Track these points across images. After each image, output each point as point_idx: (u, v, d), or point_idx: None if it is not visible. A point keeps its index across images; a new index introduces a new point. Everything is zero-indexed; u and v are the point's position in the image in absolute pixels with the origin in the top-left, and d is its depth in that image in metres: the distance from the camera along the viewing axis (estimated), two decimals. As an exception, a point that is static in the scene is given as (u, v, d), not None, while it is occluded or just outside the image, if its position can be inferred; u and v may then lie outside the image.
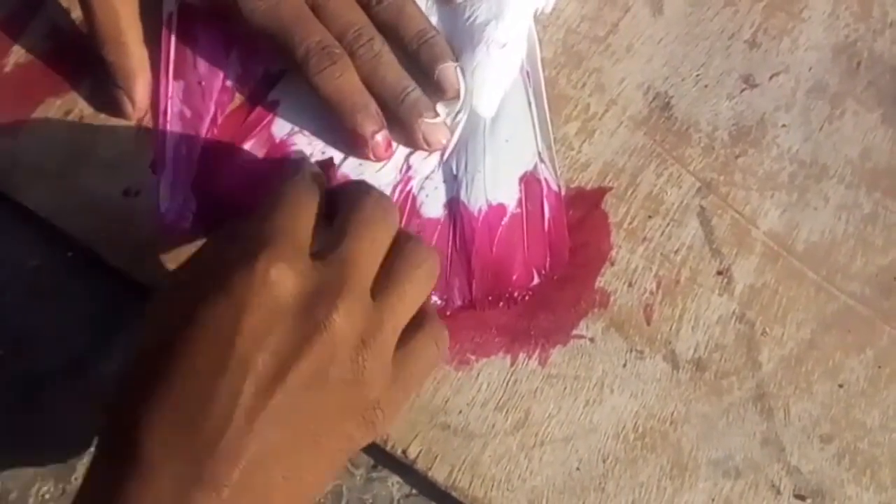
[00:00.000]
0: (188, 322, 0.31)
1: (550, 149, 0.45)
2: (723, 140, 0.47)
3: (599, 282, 0.44)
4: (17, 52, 0.47)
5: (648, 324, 0.44)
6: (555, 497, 0.41)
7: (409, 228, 0.43)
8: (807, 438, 0.42)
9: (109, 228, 0.44)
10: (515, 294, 0.43)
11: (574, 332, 0.44)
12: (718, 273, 0.45)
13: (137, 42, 0.44)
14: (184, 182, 0.43)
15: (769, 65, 0.48)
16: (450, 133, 0.45)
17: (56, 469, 0.42)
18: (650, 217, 0.45)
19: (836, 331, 0.44)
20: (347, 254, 0.33)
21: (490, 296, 0.43)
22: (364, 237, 0.35)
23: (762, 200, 0.46)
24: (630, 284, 0.44)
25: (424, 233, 0.43)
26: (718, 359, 0.43)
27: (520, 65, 0.46)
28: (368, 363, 0.33)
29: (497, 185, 0.44)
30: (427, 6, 0.46)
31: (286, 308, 0.31)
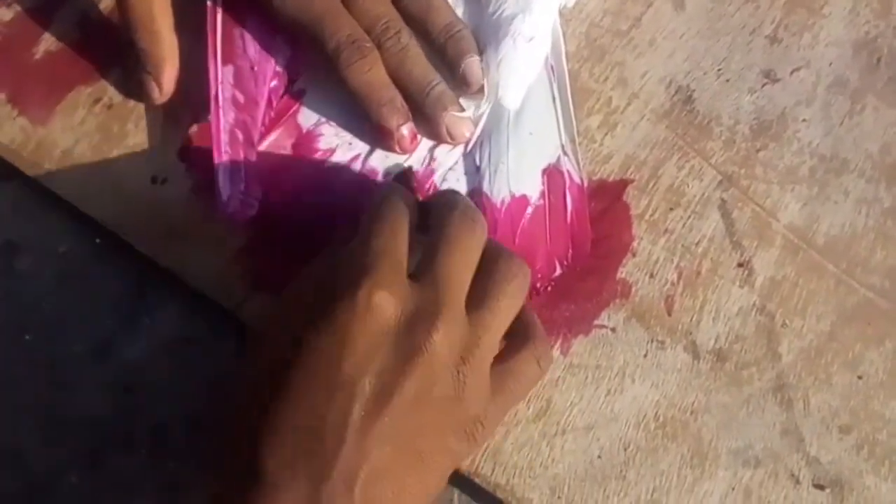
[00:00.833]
0: (297, 350, 0.33)
1: (574, 141, 0.45)
2: (744, 134, 0.47)
3: (621, 273, 0.45)
4: (48, 40, 0.47)
5: (669, 314, 0.44)
6: (576, 484, 0.41)
7: None
8: (826, 429, 0.42)
9: (137, 215, 0.45)
10: (538, 285, 0.44)
11: (596, 323, 0.44)
12: (739, 265, 0.45)
13: (169, 29, 0.45)
14: (244, 169, 0.43)
15: (790, 60, 0.49)
16: (474, 126, 0.45)
17: (84, 455, 0.43)
18: (671, 209, 0.46)
19: (856, 323, 0.44)
20: (441, 274, 0.35)
21: (513, 286, 0.44)
22: (455, 255, 0.36)
23: (783, 194, 0.46)
24: (651, 275, 0.45)
25: None
26: (739, 350, 0.44)
27: (545, 58, 0.46)
28: (468, 379, 0.35)
29: (520, 177, 0.44)
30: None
31: (388, 332, 0.33)
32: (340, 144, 0.45)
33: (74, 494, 0.42)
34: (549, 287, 0.44)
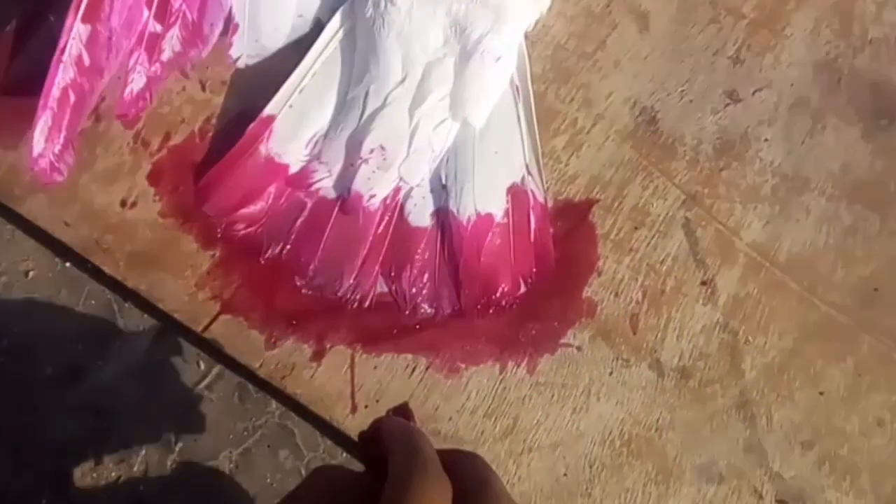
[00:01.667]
0: None
1: (538, 161, 0.46)
2: (707, 153, 0.48)
3: (587, 292, 0.45)
4: (18, 68, 0.48)
5: (634, 333, 0.45)
6: (542, 502, 0.42)
7: (396, 238, 0.44)
8: (788, 445, 0.43)
9: (106, 238, 0.45)
10: (503, 302, 0.44)
11: (562, 341, 0.45)
12: (703, 283, 0.46)
13: None
14: (65, 132, 0.41)
15: (752, 80, 0.49)
16: None
17: (53, 478, 0.43)
18: (636, 228, 0.46)
19: (818, 340, 0.45)
20: None
21: (478, 304, 0.44)
22: None
23: (745, 212, 0.47)
24: (616, 294, 0.45)
25: (411, 242, 0.44)
26: (702, 367, 0.44)
27: (510, 78, 0.47)
28: None
29: (486, 195, 0.45)
30: (431, 13, 0.46)
31: None
32: (315, 171, 0.45)
33: (43, 517, 0.42)
34: (514, 304, 0.45)
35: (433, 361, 0.44)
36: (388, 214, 0.45)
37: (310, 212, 0.45)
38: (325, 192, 0.45)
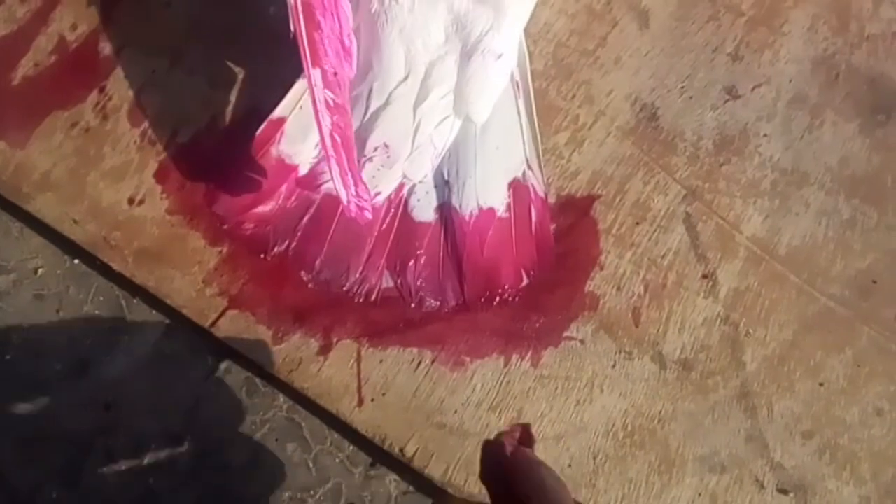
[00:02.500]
0: None
1: (538, 156, 0.47)
2: (707, 149, 0.48)
3: (589, 286, 0.46)
4: (25, 66, 0.48)
5: (636, 326, 0.45)
6: (547, 493, 0.42)
7: (401, 233, 0.45)
8: (789, 435, 0.44)
9: (114, 235, 0.45)
10: (506, 295, 0.45)
11: (565, 335, 0.45)
12: (704, 277, 0.46)
13: None
14: (348, 171, 0.41)
15: (751, 77, 0.50)
16: None
17: (64, 471, 0.43)
18: (638, 223, 0.47)
19: (817, 332, 0.45)
20: None
21: (482, 297, 0.45)
22: None
23: (745, 207, 0.47)
24: (619, 288, 0.46)
25: (416, 237, 0.45)
26: (704, 359, 0.45)
27: (510, 74, 0.48)
28: None
29: (487, 190, 0.46)
30: (433, 9, 0.47)
31: None
32: (323, 172, 0.45)
33: (55, 510, 0.43)
34: (517, 297, 0.45)
35: (438, 355, 0.44)
36: (393, 210, 0.45)
37: (316, 209, 0.46)
38: (331, 190, 0.46)
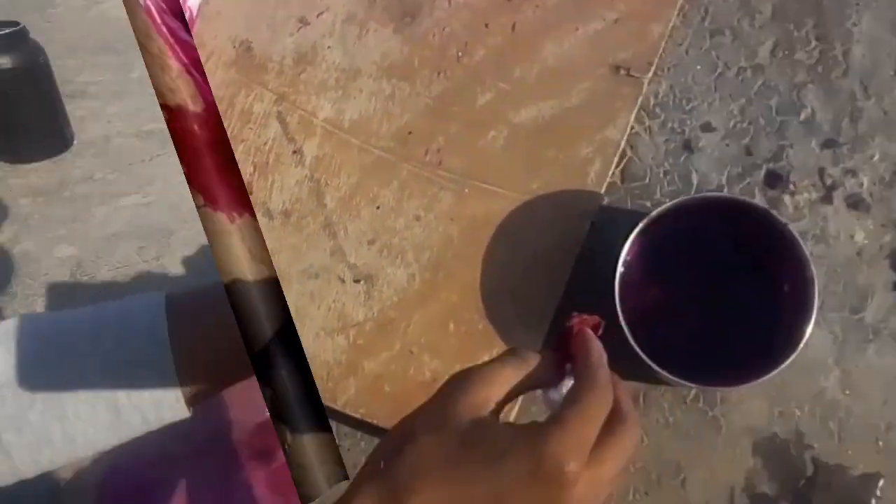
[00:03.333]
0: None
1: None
2: (289, 65, 0.69)
3: (216, 174, 0.66)
4: None
5: (251, 193, 0.66)
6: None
7: None
8: (359, 244, 0.65)
9: None
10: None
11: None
12: (294, 153, 0.67)
13: None
14: None
15: (315, 6, 0.70)
16: None
17: None
18: (245, 125, 0.67)
19: (374, 174, 0.67)
20: (573, 435, 0.42)
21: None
22: (588, 425, 0.42)
23: (319, 100, 0.68)
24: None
25: None
26: (299, 208, 0.66)
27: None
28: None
29: None
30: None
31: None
32: None
33: None
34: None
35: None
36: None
37: None
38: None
